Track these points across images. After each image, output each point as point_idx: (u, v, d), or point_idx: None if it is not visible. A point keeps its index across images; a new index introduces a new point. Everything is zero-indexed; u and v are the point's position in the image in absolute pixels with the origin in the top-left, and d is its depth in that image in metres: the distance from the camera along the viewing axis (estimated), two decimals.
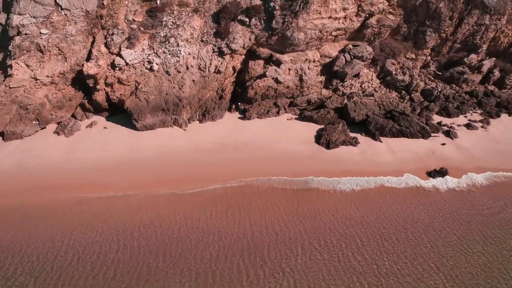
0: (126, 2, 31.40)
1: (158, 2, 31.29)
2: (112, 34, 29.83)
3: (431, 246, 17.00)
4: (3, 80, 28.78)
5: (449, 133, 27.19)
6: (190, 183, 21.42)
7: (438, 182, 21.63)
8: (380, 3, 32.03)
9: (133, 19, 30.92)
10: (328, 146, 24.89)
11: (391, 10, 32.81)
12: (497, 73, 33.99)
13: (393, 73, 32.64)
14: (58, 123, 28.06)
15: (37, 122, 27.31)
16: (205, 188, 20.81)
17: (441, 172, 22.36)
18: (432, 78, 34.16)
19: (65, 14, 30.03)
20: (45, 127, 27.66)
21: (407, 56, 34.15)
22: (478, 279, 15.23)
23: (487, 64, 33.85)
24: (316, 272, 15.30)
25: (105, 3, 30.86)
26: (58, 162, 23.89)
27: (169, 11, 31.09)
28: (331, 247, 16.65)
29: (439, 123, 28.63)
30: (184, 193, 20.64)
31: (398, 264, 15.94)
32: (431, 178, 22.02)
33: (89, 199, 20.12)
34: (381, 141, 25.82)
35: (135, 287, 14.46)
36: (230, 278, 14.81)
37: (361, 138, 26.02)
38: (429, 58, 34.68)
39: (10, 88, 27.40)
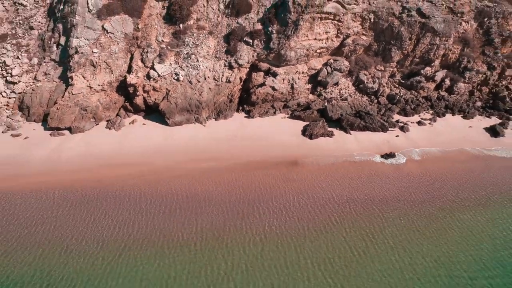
0: (156, 26, 41.26)
1: (181, 26, 41.12)
2: (147, 52, 39.61)
3: (375, 196, 26.80)
4: (65, 89, 38.54)
5: (403, 128, 37.12)
6: (211, 161, 31.14)
7: (386, 160, 31.62)
8: (355, 27, 42.04)
9: (162, 40, 40.73)
10: (311, 137, 34.80)
11: (364, 32, 42.81)
12: (447, 81, 43.96)
13: (365, 82, 42.59)
14: (107, 121, 37.70)
15: (94, 120, 36.99)
16: (223, 164, 30.56)
17: (390, 155, 32.22)
18: (397, 85, 44.13)
19: (109, 36, 39.82)
20: (98, 124, 37.37)
21: (377, 68, 44.05)
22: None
23: (440, 74, 43.84)
24: (303, 211, 24.88)
25: (139, 27, 40.78)
26: (114, 149, 33.50)
27: (190, 34, 40.87)
28: (313, 197, 26.37)
29: (397, 121, 38.58)
30: (207, 166, 30.37)
31: (356, 205, 25.65)
32: (382, 158, 32.00)
33: (144, 172, 29.79)
34: (350, 134, 35.70)
35: (188, 218, 24.05)
36: (250, 212, 24.40)
37: (336, 131, 35.91)
38: (395, 69, 44.53)
39: (72, 94, 37.11)
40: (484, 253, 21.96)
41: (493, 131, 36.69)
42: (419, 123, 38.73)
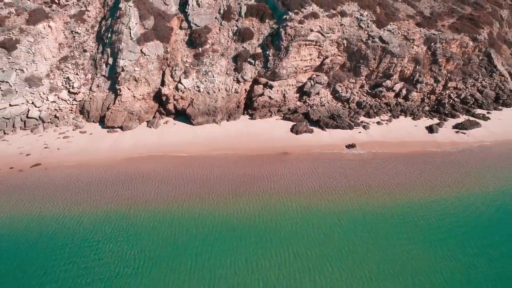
0: (181, 50, 56.81)
1: (200, 49, 56.68)
2: (175, 70, 55.10)
3: (341, 171, 42.27)
4: (114, 98, 53.77)
5: (365, 127, 52.86)
6: (226, 150, 46.65)
7: (349, 150, 47.38)
8: (332, 50, 57.82)
9: (186, 60, 56.24)
10: (296, 133, 50.50)
11: (339, 54, 58.63)
12: (404, 91, 59.85)
13: (340, 92, 58.39)
14: (147, 121, 53.13)
15: (138, 121, 52.40)
16: (233, 152, 46.10)
17: (352, 146, 47.90)
18: (365, 94, 60.02)
19: (146, 58, 55.23)
20: (141, 124, 52.75)
21: (350, 81, 59.88)
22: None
23: (398, 86, 59.76)
24: (292, 179, 39.95)
25: (168, 50, 56.26)
26: (155, 141, 48.90)
27: (207, 55, 56.38)
28: (298, 171, 41.73)
29: (362, 121, 54.34)
30: (221, 153, 45.84)
31: (331, 176, 41.10)
32: (346, 148, 47.77)
33: (178, 153, 45.29)
34: (326, 131, 51.43)
35: (219, 183, 39.34)
36: (258, 180, 39.65)
37: (315, 129, 51.60)
38: (363, 82, 60.38)
39: (121, 102, 52.48)
40: (410, 199, 37.34)
41: (430, 129, 52.59)
42: (378, 123, 54.56)
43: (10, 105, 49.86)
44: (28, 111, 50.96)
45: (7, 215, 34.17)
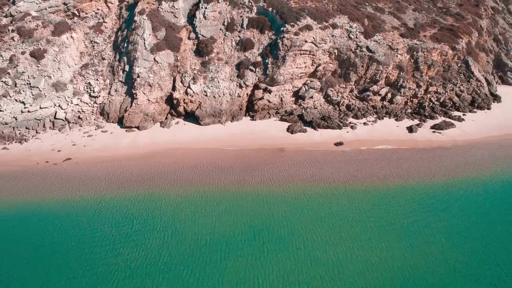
0: (190, 58, 65.56)
1: (206, 58, 65.42)
2: (184, 76, 63.82)
3: (330, 165, 51.08)
4: (131, 101, 62.40)
5: (352, 127, 61.79)
6: (230, 147, 55.43)
7: (338, 147, 56.19)
8: (324, 58, 66.72)
9: (194, 67, 64.97)
10: (292, 133, 59.36)
11: (331, 62, 67.54)
12: (389, 95, 68.85)
13: (331, 96, 67.33)
14: (160, 122, 61.82)
15: (152, 121, 61.09)
16: (237, 148, 54.86)
17: (340, 143, 56.75)
18: (354, 98, 68.95)
19: (159, 65, 63.93)
20: (154, 124, 61.44)
21: (340, 86, 68.78)
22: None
23: (384, 90, 68.73)
24: (288, 170, 48.72)
25: (178, 58, 65.00)
26: (168, 139, 57.68)
27: (212, 63, 65.11)
28: (293, 164, 50.47)
29: (350, 122, 63.26)
30: (227, 149, 54.58)
31: (321, 168, 49.88)
32: (335, 146, 56.63)
33: (190, 149, 54.09)
34: (317, 131, 60.29)
35: (229, 173, 48.08)
36: (259, 171, 48.35)
37: (308, 129, 60.48)
38: (353, 86, 69.27)
39: (138, 104, 61.15)
40: (386, 187, 46.21)
41: (410, 129, 61.57)
42: (364, 124, 63.49)
43: (40, 107, 58.48)
44: (55, 113, 59.60)
45: (54, 199, 42.95)
